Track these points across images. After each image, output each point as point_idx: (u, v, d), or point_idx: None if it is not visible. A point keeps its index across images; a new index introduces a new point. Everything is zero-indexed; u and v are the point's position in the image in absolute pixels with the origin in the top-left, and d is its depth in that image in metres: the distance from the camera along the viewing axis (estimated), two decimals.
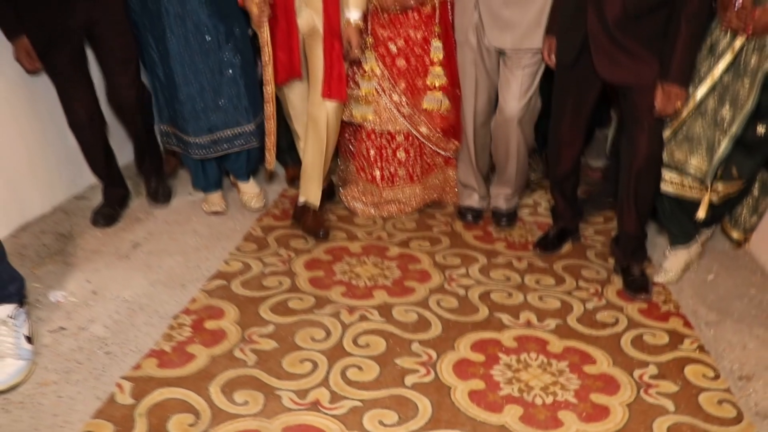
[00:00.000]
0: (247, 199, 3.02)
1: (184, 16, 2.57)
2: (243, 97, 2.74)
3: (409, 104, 2.83)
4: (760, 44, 2.07)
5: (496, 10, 2.54)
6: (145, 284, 2.42)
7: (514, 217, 2.98)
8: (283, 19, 2.54)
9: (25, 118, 2.72)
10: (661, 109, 2.18)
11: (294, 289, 2.41)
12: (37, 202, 2.85)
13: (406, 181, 3.00)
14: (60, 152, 2.92)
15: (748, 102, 2.11)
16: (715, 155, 2.22)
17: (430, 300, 2.38)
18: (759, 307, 2.37)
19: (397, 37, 2.76)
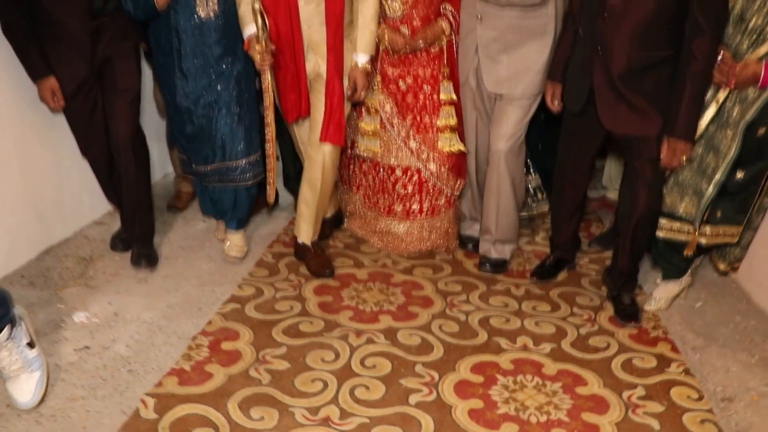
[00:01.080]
0: (228, 247, 2.95)
1: (194, 54, 2.62)
2: (239, 133, 2.74)
3: (415, 139, 2.92)
4: (741, 96, 2.22)
5: (494, 55, 2.67)
6: (164, 306, 2.56)
7: (502, 266, 2.94)
8: (291, 62, 2.64)
9: (52, 148, 2.87)
10: (667, 162, 2.28)
11: (304, 313, 2.56)
12: (60, 227, 3.00)
13: (402, 217, 3.06)
14: (82, 180, 3.06)
15: (731, 151, 2.26)
16: (702, 200, 2.37)
17: (433, 324, 2.52)
18: (743, 333, 2.51)
19: (406, 75, 2.86)
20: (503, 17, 2.61)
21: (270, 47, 2.53)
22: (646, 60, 2.22)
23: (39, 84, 2.54)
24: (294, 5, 2.52)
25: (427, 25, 2.74)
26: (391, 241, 3.09)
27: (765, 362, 2.33)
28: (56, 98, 2.56)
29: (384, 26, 2.74)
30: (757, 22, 2.13)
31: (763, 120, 2.23)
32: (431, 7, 2.74)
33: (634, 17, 2.16)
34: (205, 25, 2.57)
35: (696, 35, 2.11)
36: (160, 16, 2.55)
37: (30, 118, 2.72)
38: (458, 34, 2.80)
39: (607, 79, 2.28)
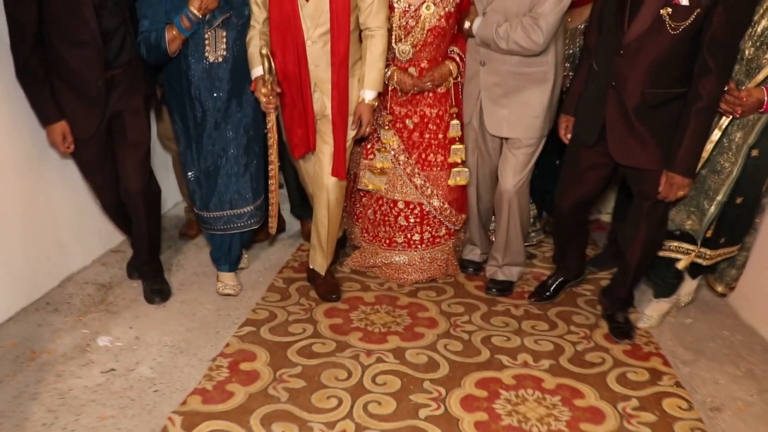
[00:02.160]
0: (221, 286, 3.03)
1: (207, 95, 2.69)
2: (248, 179, 2.85)
3: (420, 176, 3.01)
4: (743, 122, 2.37)
5: (496, 99, 2.78)
6: (183, 330, 2.70)
7: (509, 288, 3.09)
8: (299, 99, 2.72)
9: (70, 182, 3.00)
10: (664, 195, 2.37)
11: (316, 334, 2.70)
12: (80, 255, 3.14)
13: (403, 248, 3.14)
14: (98, 210, 3.14)
15: (733, 172, 2.42)
16: (704, 218, 2.53)
17: (438, 344, 2.66)
18: (730, 348, 2.67)
19: (413, 114, 2.94)
20: (505, 63, 2.71)
21: (275, 90, 2.63)
22: (659, 96, 2.29)
23: (49, 129, 2.56)
24: (301, 45, 2.62)
25: (435, 67, 2.83)
26: (390, 272, 3.16)
27: (751, 374, 2.49)
28: (67, 141, 2.58)
29: (393, 66, 2.83)
30: (750, 52, 2.28)
31: (761, 143, 2.40)
32: (439, 50, 2.83)
33: (649, 55, 2.24)
34: (213, 68, 2.66)
35: (703, 75, 2.18)
36: (172, 60, 2.65)
37: (49, 152, 2.85)
38: (464, 76, 2.91)
39: (620, 113, 2.35)
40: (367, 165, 3.04)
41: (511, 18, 2.62)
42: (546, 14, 2.54)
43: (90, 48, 2.48)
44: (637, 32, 2.22)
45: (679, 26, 2.14)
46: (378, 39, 2.67)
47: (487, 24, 2.64)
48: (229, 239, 2.97)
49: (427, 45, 2.79)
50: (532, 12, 2.59)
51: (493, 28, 2.62)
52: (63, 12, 2.40)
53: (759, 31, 2.25)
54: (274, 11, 2.59)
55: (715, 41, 2.13)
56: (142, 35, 2.58)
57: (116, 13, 2.54)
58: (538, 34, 2.56)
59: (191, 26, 2.55)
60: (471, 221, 3.21)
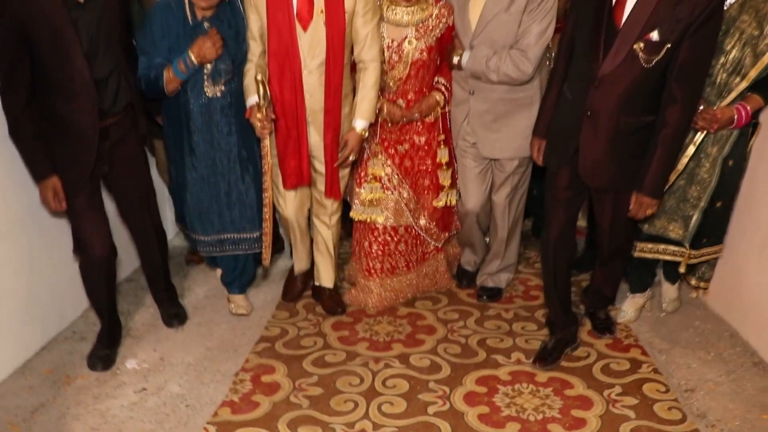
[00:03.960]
0: (233, 307, 3.21)
1: (202, 131, 2.79)
2: (252, 206, 2.96)
3: (413, 200, 3.13)
4: (717, 137, 2.63)
5: (487, 125, 2.91)
6: (203, 350, 2.93)
7: (497, 294, 3.33)
8: (294, 129, 2.79)
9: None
10: (633, 214, 2.46)
11: (327, 346, 2.94)
12: None
13: (404, 270, 3.26)
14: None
15: (712, 181, 2.69)
16: (689, 224, 2.78)
17: (439, 348, 2.92)
18: (701, 336, 2.97)
19: (404, 141, 3.04)
20: (494, 91, 2.85)
21: (270, 116, 2.71)
22: (633, 124, 2.35)
23: (41, 184, 2.53)
24: (298, 74, 2.71)
25: (423, 98, 2.95)
26: (385, 298, 3.24)
27: (720, 358, 2.79)
28: (57, 199, 2.54)
29: (382, 99, 2.92)
30: (722, 77, 2.54)
31: (733, 154, 2.66)
32: (424, 82, 2.93)
33: (623, 86, 2.29)
34: (212, 103, 2.75)
35: (670, 104, 2.25)
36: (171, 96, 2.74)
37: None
38: (451, 104, 3.04)
39: (595, 141, 2.41)
40: (359, 194, 3.13)
41: (498, 50, 2.76)
42: (532, 45, 2.71)
43: (83, 97, 2.46)
44: (610, 66, 2.28)
45: (652, 60, 2.22)
46: (371, 71, 2.78)
47: (476, 58, 2.77)
48: (243, 262, 3.16)
49: (412, 78, 2.90)
50: (518, 44, 2.75)
51: (483, 62, 2.75)
52: (53, 63, 2.40)
53: (730, 59, 2.50)
54: (272, 41, 2.69)
55: (683, 73, 2.22)
56: (142, 71, 2.66)
57: (109, 58, 2.54)
58: (526, 65, 2.72)
59: (187, 72, 2.65)
60: (465, 241, 3.37)
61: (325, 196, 3.00)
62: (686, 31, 2.14)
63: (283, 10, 2.64)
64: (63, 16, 2.35)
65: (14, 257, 2.74)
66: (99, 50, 2.49)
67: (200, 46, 2.61)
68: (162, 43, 2.67)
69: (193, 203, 2.95)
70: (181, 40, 2.67)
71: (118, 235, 3.24)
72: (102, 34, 2.49)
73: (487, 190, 3.12)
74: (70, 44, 2.38)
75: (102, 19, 2.48)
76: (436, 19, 2.83)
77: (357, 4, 2.66)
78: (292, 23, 2.65)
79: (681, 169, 2.68)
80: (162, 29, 2.66)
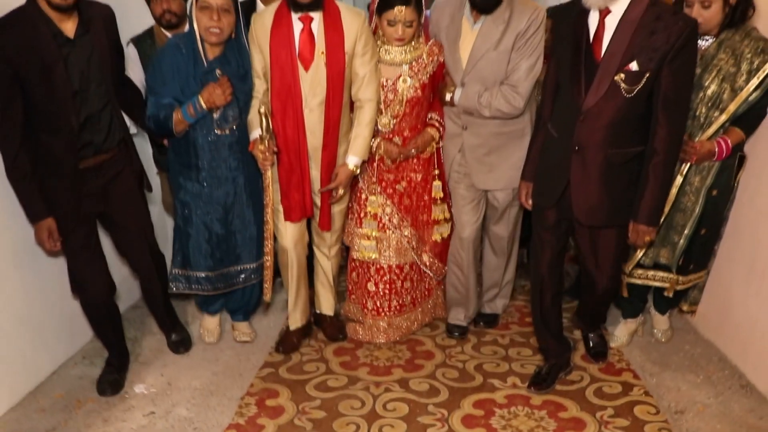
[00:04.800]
0: (237, 334, 3.32)
1: (210, 167, 2.84)
2: (253, 238, 3.02)
3: (415, 237, 3.18)
4: (700, 168, 2.75)
5: (480, 158, 2.98)
6: (209, 375, 3.03)
7: (494, 320, 3.43)
8: (297, 165, 2.86)
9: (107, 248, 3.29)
10: (632, 242, 2.53)
11: (329, 371, 3.04)
12: None
13: (410, 308, 3.33)
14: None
15: (696, 210, 2.80)
16: (676, 250, 2.89)
17: (437, 373, 3.01)
18: (691, 359, 3.07)
19: (401, 179, 3.09)
20: (486, 126, 2.92)
21: (272, 148, 2.77)
22: (621, 155, 2.40)
23: (36, 225, 2.57)
24: (300, 112, 2.79)
25: (418, 135, 3.02)
26: (393, 335, 3.30)
27: (708, 381, 2.89)
28: (52, 239, 2.57)
29: (379, 138, 2.98)
30: (702, 111, 2.67)
31: (716, 183, 2.78)
32: (418, 118, 3.00)
33: (608, 118, 2.35)
34: (220, 140, 2.81)
35: (657, 132, 2.31)
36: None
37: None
38: (444, 137, 3.10)
39: (585, 176, 2.45)
40: (360, 234, 3.17)
41: (489, 86, 2.83)
42: (522, 80, 2.79)
43: (65, 134, 2.49)
44: (594, 99, 2.34)
45: (633, 89, 2.28)
46: (366, 110, 2.86)
47: (468, 95, 2.85)
48: (248, 291, 3.24)
49: (407, 115, 2.97)
50: (508, 80, 2.82)
51: (475, 99, 2.83)
52: (41, 99, 2.41)
53: (709, 94, 2.62)
54: (275, 80, 2.77)
55: (667, 100, 2.28)
56: (151, 111, 2.71)
57: (100, 93, 2.57)
58: (517, 99, 2.79)
59: (196, 116, 2.71)
60: (454, 284, 3.31)
61: (318, 227, 3.10)
62: (664, 58, 2.23)
63: (286, 51, 2.73)
64: (53, 52, 2.39)
65: (26, 285, 2.84)
66: (90, 86, 2.53)
67: (210, 92, 2.67)
68: (172, 84, 2.72)
69: (199, 238, 2.96)
70: (191, 80, 2.72)
71: (122, 264, 3.38)
72: (93, 69, 2.53)
73: (480, 219, 3.17)
74: (59, 81, 2.41)
75: (93, 55, 2.53)
76: (428, 57, 2.92)
77: (356, 45, 2.76)
78: (295, 63, 2.74)
79: (671, 200, 2.78)
80: (172, 70, 2.71)
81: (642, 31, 2.24)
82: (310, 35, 2.74)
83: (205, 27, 2.62)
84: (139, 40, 3.24)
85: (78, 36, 2.48)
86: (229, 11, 2.65)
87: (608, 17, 2.32)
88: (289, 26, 2.73)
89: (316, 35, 2.74)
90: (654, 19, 2.24)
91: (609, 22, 2.32)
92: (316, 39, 2.74)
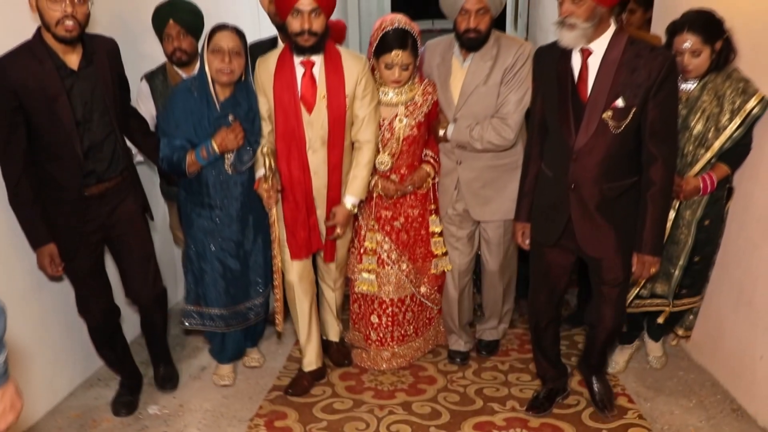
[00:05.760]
0: (247, 360, 3.42)
1: (222, 205, 2.90)
2: (260, 273, 3.09)
3: (413, 270, 3.26)
4: (689, 203, 2.89)
5: (476, 191, 3.08)
6: (219, 397, 3.14)
7: (495, 347, 3.51)
8: (303, 204, 2.93)
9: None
10: (638, 275, 2.56)
11: (335, 395, 3.15)
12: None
13: (413, 337, 3.43)
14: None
15: (689, 242, 2.93)
16: (672, 280, 3.01)
17: (439, 396, 3.12)
18: (684, 385, 3.17)
19: (399, 216, 3.18)
20: (480, 159, 3.03)
21: (276, 186, 2.83)
22: (616, 189, 2.48)
23: (38, 251, 2.63)
24: (304, 153, 2.87)
25: (414, 171, 3.11)
26: (397, 364, 3.40)
27: (701, 405, 3.00)
28: (54, 265, 2.63)
29: (376, 176, 3.07)
30: (689, 149, 2.82)
31: (708, 214, 2.91)
32: (415, 156, 3.10)
33: (600, 154, 2.43)
34: (231, 179, 2.88)
35: (651, 163, 2.40)
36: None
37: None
38: (440, 175, 3.19)
39: (584, 211, 2.52)
40: (360, 269, 3.25)
41: (481, 120, 2.93)
42: (512, 113, 2.89)
43: (71, 163, 2.56)
44: (585, 138, 2.43)
45: (621, 125, 2.37)
46: (365, 151, 2.94)
47: (460, 129, 2.96)
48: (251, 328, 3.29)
49: (404, 153, 3.06)
50: (498, 113, 2.93)
51: (467, 133, 2.93)
52: (45, 128, 2.49)
53: (695, 133, 2.77)
54: (279, 122, 2.85)
55: (655, 132, 2.37)
56: (164, 153, 2.79)
57: (104, 123, 2.64)
58: (507, 131, 2.90)
59: (209, 158, 2.78)
60: (450, 315, 3.41)
61: (323, 260, 3.17)
62: (648, 93, 2.33)
63: (289, 94, 2.81)
64: (57, 83, 2.47)
65: (46, 309, 2.98)
66: (93, 116, 2.60)
67: (223, 137, 2.75)
68: (185, 127, 2.79)
69: (214, 274, 3.00)
70: (204, 122, 2.79)
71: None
72: (97, 100, 2.61)
73: (471, 255, 3.27)
74: (62, 111, 2.49)
75: (96, 86, 2.60)
76: (423, 97, 3.02)
77: (357, 88, 2.85)
78: (297, 106, 2.82)
79: (666, 234, 2.88)
80: (184, 113, 2.79)
81: (624, 69, 2.35)
82: (311, 79, 2.82)
83: (216, 69, 2.71)
84: (151, 76, 3.34)
85: (82, 68, 2.57)
86: (239, 54, 2.74)
87: (590, 58, 2.42)
88: (292, 70, 2.82)
89: (317, 79, 2.82)
90: (634, 57, 2.34)
91: (592, 63, 2.42)
92: (318, 83, 2.82)
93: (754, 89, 2.70)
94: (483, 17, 2.82)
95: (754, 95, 2.68)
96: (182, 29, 3.22)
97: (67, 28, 2.40)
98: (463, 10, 2.80)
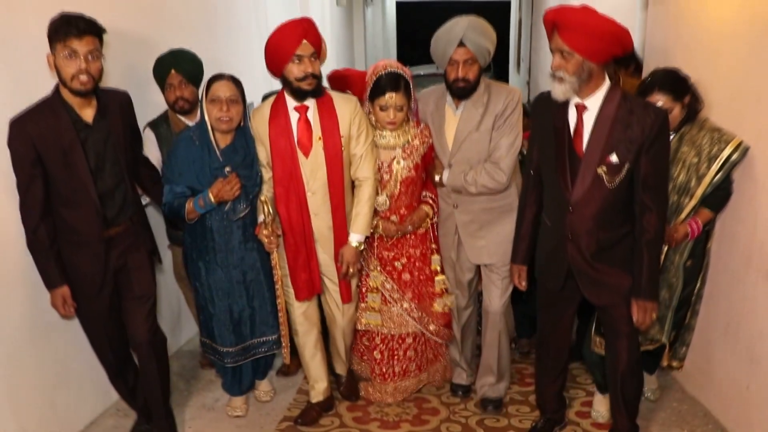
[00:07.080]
0: (258, 393, 3.52)
1: (225, 249, 3.01)
2: (269, 313, 3.17)
3: (417, 308, 3.31)
4: (677, 248, 3.02)
5: (472, 233, 3.15)
6: (233, 427, 3.30)
7: (500, 404, 3.43)
8: (303, 246, 3.00)
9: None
10: (640, 322, 2.58)
11: (343, 425, 3.30)
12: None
13: (416, 373, 3.50)
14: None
15: (679, 285, 3.07)
16: (665, 323, 3.10)
17: (441, 427, 3.27)
18: (677, 415, 3.31)
19: (401, 256, 3.25)
20: (475, 203, 3.10)
21: (276, 231, 2.94)
22: (612, 239, 2.56)
23: (52, 292, 2.73)
24: (303, 196, 2.94)
25: (413, 212, 3.19)
26: (401, 397, 3.51)
27: None
28: (66, 306, 2.73)
29: (377, 217, 3.14)
30: (674, 199, 2.98)
31: (691, 255, 3.05)
32: (413, 196, 3.18)
33: (595, 207, 2.51)
34: (234, 225, 2.99)
35: (644, 213, 2.48)
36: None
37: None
38: (439, 216, 3.27)
39: (582, 260, 2.60)
40: (363, 307, 3.33)
41: (474, 165, 3.02)
42: (504, 157, 2.98)
43: (89, 209, 2.67)
44: (581, 191, 2.51)
45: (615, 179, 2.46)
46: (365, 188, 3.00)
47: (455, 175, 3.05)
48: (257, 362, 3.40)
49: (402, 194, 3.14)
50: (491, 157, 3.01)
51: (462, 177, 3.02)
52: (62, 177, 2.61)
53: (678, 183, 2.90)
54: (277, 168, 2.93)
55: (647, 185, 2.45)
56: (167, 199, 2.92)
57: (115, 172, 2.75)
58: (500, 175, 2.97)
59: (206, 208, 2.89)
60: (455, 349, 3.53)
61: (342, 302, 3.17)
62: (641, 149, 2.42)
63: (285, 140, 2.90)
64: (72, 135, 2.59)
65: (69, 342, 3.12)
66: (106, 165, 2.72)
67: (219, 189, 2.86)
68: (187, 175, 2.91)
69: (222, 316, 3.10)
70: (206, 169, 2.91)
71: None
72: (109, 150, 2.72)
73: (475, 292, 3.37)
74: (77, 161, 2.60)
75: (109, 137, 2.72)
76: (419, 139, 3.12)
77: (351, 127, 2.93)
78: (294, 151, 2.91)
79: None
80: (187, 162, 2.91)
81: (618, 125, 2.43)
82: (306, 123, 2.92)
83: (215, 117, 2.85)
84: (155, 125, 3.44)
85: (96, 121, 2.68)
86: (237, 101, 2.87)
87: (585, 114, 2.51)
88: (287, 117, 2.91)
89: (312, 123, 2.91)
90: (628, 113, 2.43)
91: (587, 119, 2.51)
92: (313, 126, 2.91)
93: (729, 136, 2.89)
94: (471, 67, 2.94)
95: (729, 142, 2.87)
96: (184, 78, 3.34)
97: (81, 82, 2.53)
98: (452, 60, 2.92)
